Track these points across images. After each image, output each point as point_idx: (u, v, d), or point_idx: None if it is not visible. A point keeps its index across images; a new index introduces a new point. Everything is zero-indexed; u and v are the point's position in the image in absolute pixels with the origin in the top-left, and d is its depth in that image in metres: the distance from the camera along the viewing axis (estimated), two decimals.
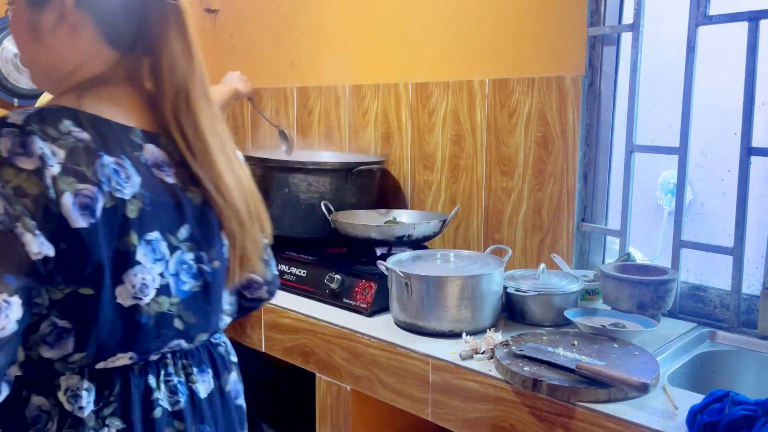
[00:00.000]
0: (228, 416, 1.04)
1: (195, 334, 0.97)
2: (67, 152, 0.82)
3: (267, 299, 1.20)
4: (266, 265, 1.13)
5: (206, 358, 1.02)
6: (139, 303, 0.88)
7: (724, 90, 2.04)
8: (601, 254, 1.92)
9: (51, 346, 0.85)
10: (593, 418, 1.19)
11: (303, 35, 2.58)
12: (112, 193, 0.84)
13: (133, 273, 0.87)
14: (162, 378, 0.94)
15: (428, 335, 1.56)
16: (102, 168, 0.84)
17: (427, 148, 2.17)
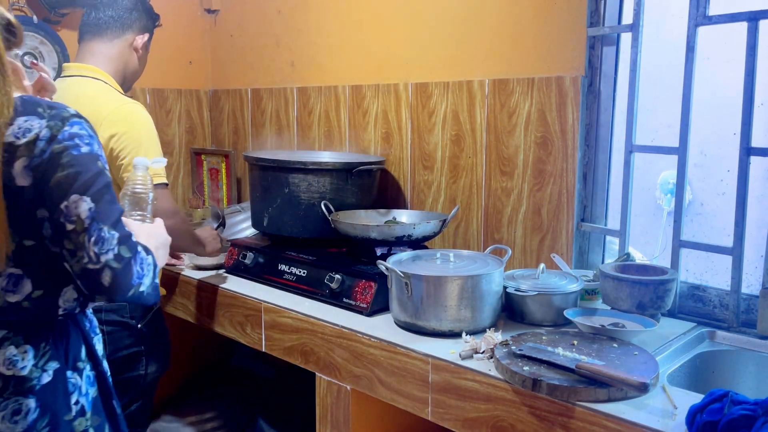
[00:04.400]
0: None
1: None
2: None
3: (88, 296, 1.11)
4: (70, 255, 1.03)
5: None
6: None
7: (723, 90, 2.04)
8: (601, 254, 1.92)
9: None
10: (593, 417, 1.19)
11: (303, 35, 2.58)
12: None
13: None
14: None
15: (428, 335, 1.56)
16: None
17: (427, 148, 2.17)
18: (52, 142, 1.00)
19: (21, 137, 0.99)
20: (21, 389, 1.04)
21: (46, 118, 1.01)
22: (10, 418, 1.02)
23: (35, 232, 1.03)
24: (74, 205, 1.00)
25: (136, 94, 2.74)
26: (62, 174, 1.00)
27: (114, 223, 1.03)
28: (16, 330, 1.05)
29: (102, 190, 1.03)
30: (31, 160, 0.99)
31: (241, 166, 2.87)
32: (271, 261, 2.00)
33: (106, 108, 1.62)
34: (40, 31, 2.53)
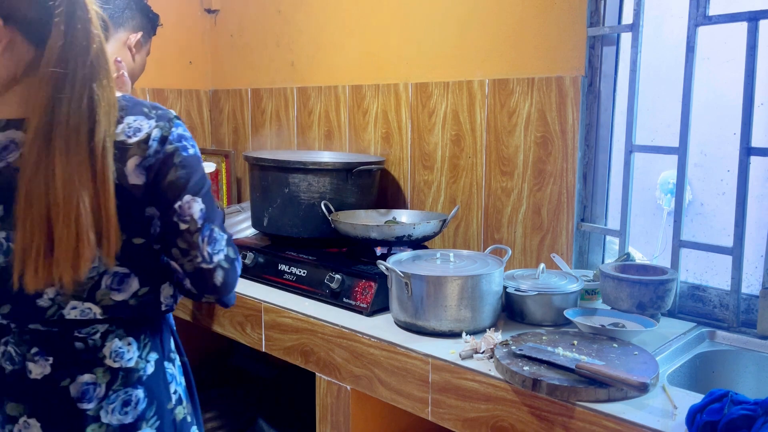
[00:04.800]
0: (55, 411, 1.03)
1: (1, 305, 1.02)
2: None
3: (196, 295, 1.10)
4: (183, 255, 1.05)
5: (40, 342, 1.03)
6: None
7: (723, 90, 2.04)
8: (601, 254, 1.92)
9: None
10: (593, 417, 1.19)
11: (303, 35, 2.58)
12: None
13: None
14: (2, 341, 1.04)
15: (428, 335, 1.56)
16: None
17: (427, 148, 2.17)
18: (165, 143, 1.02)
19: (132, 136, 1.00)
20: (130, 380, 1.05)
21: (154, 119, 1.03)
22: (120, 410, 1.04)
23: (145, 231, 1.04)
24: (187, 206, 1.03)
25: (136, 95, 2.74)
26: (175, 175, 1.02)
27: (221, 224, 1.08)
28: (118, 323, 1.06)
29: (209, 192, 1.07)
30: (143, 159, 1.00)
31: (241, 166, 2.87)
32: (271, 261, 2.00)
33: None
34: None
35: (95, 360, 1.05)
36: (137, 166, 1.00)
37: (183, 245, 1.03)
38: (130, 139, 1.00)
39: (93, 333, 1.04)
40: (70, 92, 0.96)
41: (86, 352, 1.04)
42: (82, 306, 1.02)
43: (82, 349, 1.04)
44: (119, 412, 1.05)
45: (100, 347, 1.05)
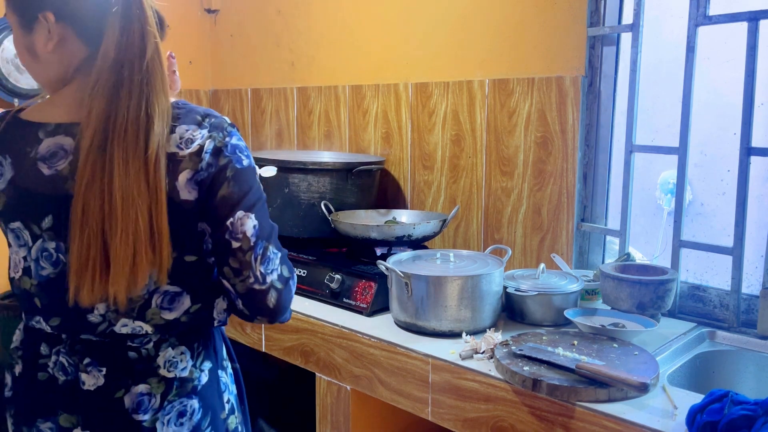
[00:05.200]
0: (110, 424, 1.00)
1: (51, 317, 1.00)
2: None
3: (248, 316, 1.04)
4: (235, 275, 1.00)
5: (93, 353, 1.00)
6: (14, 277, 1.03)
7: (723, 90, 2.04)
8: (601, 254, 1.92)
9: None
10: (593, 417, 1.19)
11: (303, 35, 2.58)
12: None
13: (11, 252, 1.03)
14: (54, 350, 1.02)
15: (428, 335, 1.56)
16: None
17: (427, 148, 2.17)
18: (218, 155, 0.96)
19: (184, 148, 0.95)
20: (185, 390, 1.01)
21: (207, 128, 0.97)
22: (176, 421, 1.00)
23: (197, 248, 1.00)
24: (240, 222, 0.96)
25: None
26: (228, 189, 0.96)
27: (275, 241, 1.01)
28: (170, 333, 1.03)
29: (263, 206, 1.01)
30: (196, 173, 0.95)
31: None
32: None
33: None
34: None
35: (149, 370, 1.00)
36: (189, 180, 0.95)
37: (235, 264, 0.97)
38: (182, 151, 0.95)
39: (146, 342, 1.00)
40: (127, 99, 0.92)
41: (140, 362, 1.00)
42: (133, 324, 0.99)
43: (136, 359, 1.00)
44: (175, 424, 1.01)
45: (153, 357, 1.01)
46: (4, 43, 2.47)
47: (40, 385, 1.02)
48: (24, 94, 2.53)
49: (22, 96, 2.53)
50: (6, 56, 2.48)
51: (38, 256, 0.98)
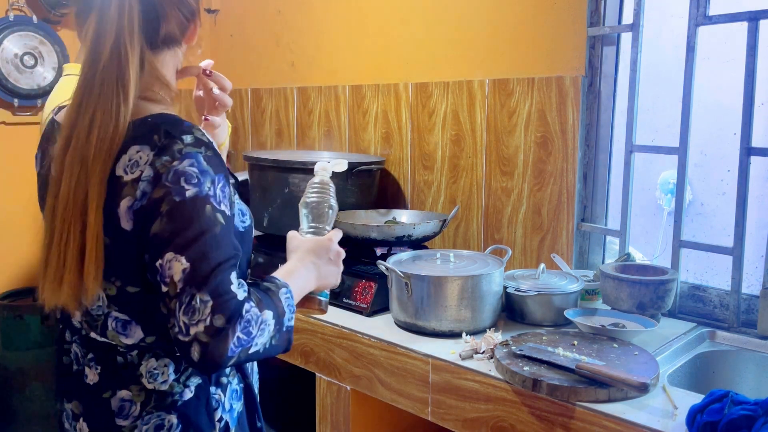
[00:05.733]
0: (98, 421, 1.00)
1: (57, 315, 1.03)
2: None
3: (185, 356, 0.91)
4: (166, 320, 0.89)
5: (94, 350, 1.00)
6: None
7: (723, 90, 2.04)
8: (601, 254, 1.92)
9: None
10: (593, 417, 1.19)
11: (303, 35, 2.58)
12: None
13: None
14: (73, 339, 1.04)
15: (428, 335, 1.56)
16: None
17: (427, 148, 2.17)
18: (155, 185, 0.87)
19: (129, 172, 0.88)
20: (162, 404, 0.97)
21: (155, 151, 0.88)
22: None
23: (139, 278, 0.92)
24: (168, 266, 0.87)
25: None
26: (160, 227, 0.87)
27: (212, 287, 0.86)
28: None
29: (203, 244, 0.87)
30: (134, 202, 0.88)
31: (241, 166, 2.87)
32: (270, 261, 2.00)
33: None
34: (40, 31, 2.53)
35: (133, 377, 0.97)
36: (128, 209, 0.88)
37: (164, 310, 0.89)
38: (126, 176, 0.88)
39: (131, 349, 0.97)
40: (87, 107, 0.90)
41: (125, 368, 0.97)
42: (100, 339, 0.97)
43: (122, 364, 0.97)
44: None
45: (137, 365, 0.97)
46: (4, 43, 2.47)
47: (64, 368, 1.04)
48: (24, 94, 2.53)
49: (22, 96, 2.53)
50: (6, 56, 2.48)
51: None
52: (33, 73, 2.53)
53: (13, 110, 2.55)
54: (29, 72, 2.52)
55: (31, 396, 2.42)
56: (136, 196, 0.87)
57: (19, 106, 2.53)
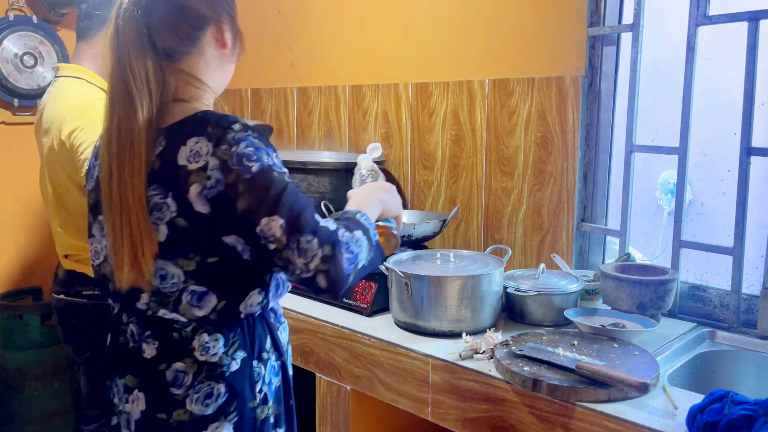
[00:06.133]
0: (155, 390, 1.10)
1: (117, 299, 1.14)
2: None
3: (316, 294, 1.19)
4: (284, 270, 1.06)
5: (151, 327, 1.11)
6: (96, 263, 1.18)
7: (723, 90, 2.03)
8: (601, 254, 1.92)
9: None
10: (593, 418, 1.19)
11: (303, 35, 2.58)
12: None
13: (94, 242, 1.20)
14: (129, 320, 1.14)
15: (428, 335, 1.56)
16: None
17: (427, 148, 2.17)
18: (225, 171, 0.99)
19: (192, 161, 1.00)
20: (213, 374, 1.08)
21: (213, 142, 1.00)
22: (203, 401, 1.07)
23: (220, 250, 1.03)
24: (267, 228, 1.00)
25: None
26: (245, 203, 0.99)
27: (310, 228, 1.02)
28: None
29: (286, 197, 1.02)
30: (204, 189, 0.99)
31: None
32: None
33: (72, 103, 1.61)
34: (40, 31, 2.53)
35: (186, 350, 1.08)
36: (199, 194, 1.00)
37: (280, 263, 1.02)
38: (190, 165, 1.00)
39: (186, 326, 1.08)
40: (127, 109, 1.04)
41: (180, 343, 1.09)
42: (170, 315, 1.07)
43: (178, 339, 1.09)
44: (202, 403, 1.08)
45: (190, 339, 1.08)
46: (4, 43, 2.47)
47: (119, 347, 1.14)
48: (24, 94, 2.53)
49: (22, 96, 2.53)
50: (6, 56, 2.48)
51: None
52: (33, 73, 2.53)
53: (13, 110, 2.55)
54: (29, 72, 2.52)
55: (31, 396, 2.41)
56: (207, 184, 0.99)
57: (19, 106, 2.53)
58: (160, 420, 1.08)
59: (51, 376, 2.42)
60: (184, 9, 1.06)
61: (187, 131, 1.02)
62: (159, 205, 1.02)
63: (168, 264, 1.04)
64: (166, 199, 1.01)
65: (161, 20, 1.04)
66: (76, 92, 1.65)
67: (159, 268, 1.04)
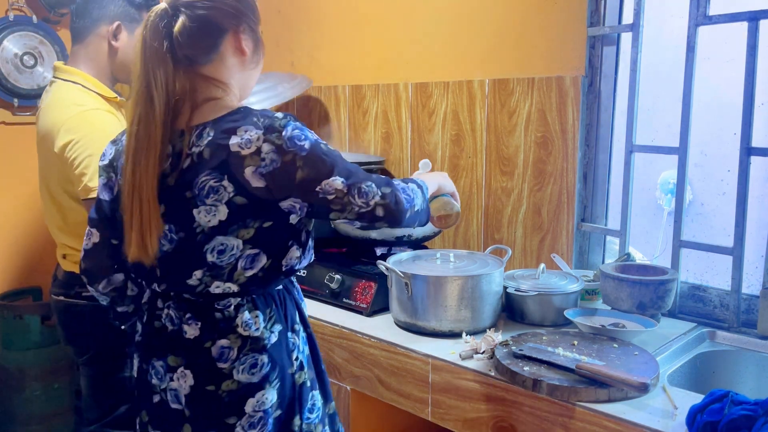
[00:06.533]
0: (201, 366, 1.21)
1: (162, 282, 1.22)
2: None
3: (371, 225, 1.31)
4: (342, 213, 1.19)
5: (192, 310, 1.21)
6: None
7: (723, 90, 2.03)
8: (601, 254, 1.92)
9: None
10: (593, 418, 1.19)
11: (303, 35, 2.58)
12: None
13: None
14: (166, 305, 1.24)
15: (428, 335, 1.56)
16: None
17: (427, 148, 2.17)
18: (281, 153, 1.11)
19: (245, 147, 1.11)
20: (256, 347, 1.20)
21: (262, 130, 1.12)
22: (249, 370, 1.20)
23: (273, 215, 1.16)
24: (328, 186, 1.14)
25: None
26: (304, 173, 1.12)
27: (367, 177, 1.19)
28: (248, 299, 1.22)
29: (339, 163, 1.16)
30: (258, 168, 1.11)
31: None
32: None
33: (65, 114, 1.59)
34: (40, 31, 2.53)
35: (230, 328, 1.20)
36: (254, 173, 1.11)
37: (338, 207, 1.16)
38: (243, 150, 1.11)
39: (228, 306, 1.20)
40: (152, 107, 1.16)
41: (223, 321, 1.20)
42: (224, 285, 1.18)
43: (221, 319, 1.20)
44: (248, 372, 1.20)
45: (233, 317, 1.20)
46: (3, 43, 2.47)
47: (156, 331, 1.25)
48: (24, 94, 2.53)
49: (22, 96, 2.53)
50: (6, 56, 2.48)
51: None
52: (33, 73, 2.53)
53: (13, 110, 2.54)
54: (29, 72, 2.52)
55: (31, 396, 2.41)
56: (261, 164, 1.11)
57: (19, 106, 2.53)
58: (209, 392, 1.20)
59: (51, 376, 2.42)
60: (203, 19, 1.16)
61: (235, 122, 1.13)
62: (215, 188, 1.11)
63: (228, 238, 1.14)
64: (221, 182, 1.11)
65: (182, 31, 1.14)
66: (70, 100, 1.62)
67: (218, 244, 1.14)
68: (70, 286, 1.70)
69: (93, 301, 1.67)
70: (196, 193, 1.12)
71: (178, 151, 1.15)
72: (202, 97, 1.18)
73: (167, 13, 1.15)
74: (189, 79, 1.18)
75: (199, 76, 1.19)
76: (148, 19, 1.16)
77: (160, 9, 1.15)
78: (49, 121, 1.61)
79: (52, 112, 1.62)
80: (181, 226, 1.15)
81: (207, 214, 1.13)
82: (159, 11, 1.15)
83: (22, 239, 2.61)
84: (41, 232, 2.64)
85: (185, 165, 1.14)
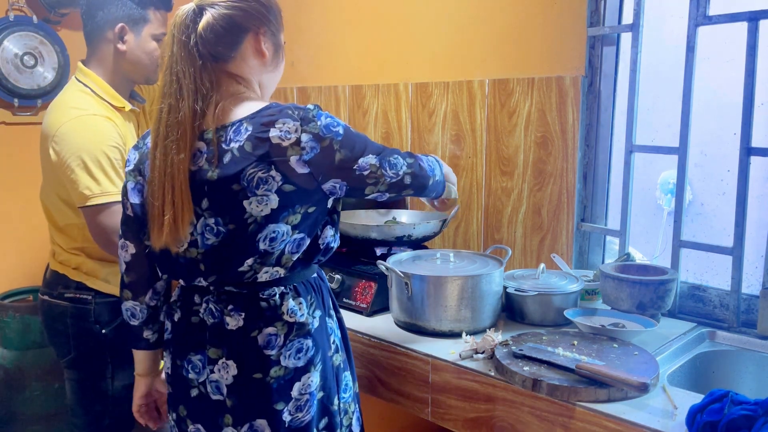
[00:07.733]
0: (246, 355, 1.25)
1: (210, 276, 1.26)
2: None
3: (398, 195, 1.37)
4: (374, 185, 1.29)
5: (235, 301, 1.26)
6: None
7: (723, 90, 2.04)
8: (601, 254, 1.92)
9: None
10: (593, 417, 1.19)
11: (303, 35, 2.58)
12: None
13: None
14: (204, 299, 1.29)
15: (428, 335, 1.56)
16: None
17: (427, 148, 2.17)
18: (319, 140, 1.19)
19: (285, 139, 1.17)
20: (301, 332, 1.27)
21: (299, 122, 1.19)
22: (295, 355, 1.26)
23: (316, 200, 1.23)
24: (364, 162, 1.24)
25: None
26: (342, 155, 1.21)
27: (393, 151, 1.30)
28: (291, 288, 1.29)
29: (370, 144, 1.26)
30: (301, 156, 1.18)
31: None
32: None
33: (63, 117, 1.58)
34: (40, 31, 2.53)
35: (276, 316, 1.25)
36: (298, 161, 1.18)
37: (372, 181, 1.26)
38: (284, 142, 1.17)
39: (273, 295, 1.26)
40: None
41: (269, 310, 1.25)
42: (272, 270, 1.24)
43: (266, 308, 1.25)
44: (294, 357, 1.26)
45: (279, 306, 1.26)
46: (4, 43, 2.47)
47: (193, 326, 1.29)
48: (24, 94, 2.53)
49: (22, 96, 2.53)
50: (6, 56, 2.48)
51: (203, 230, 1.21)
52: (33, 73, 2.53)
53: (13, 110, 2.55)
54: (29, 72, 2.52)
55: (31, 396, 2.41)
56: (302, 152, 1.18)
57: (19, 106, 2.53)
58: (256, 380, 1.24)
59: (51, 376, 2.42)
60: (226, 18, 1.23)
61: (272, 116, 1.19)
62: (264, 179, 1.17)
63: (279, 225, 1.20)
64: (269, 172, 1.17)
65: (206, 27, 1.21)
66: (72, 104, 1.62)
67: (270, 232, 1.20)
68: (53, 286, 1.69)
69: (75, 303, 1.66)
70: (245, 185, 1.17)
71: (211, 147, 1.20)
72: (227, 93, 1.25)
73: (194, 11, 1.22)
74: (215, 74, 1.24)
75: (224, 72, 1.25)
76: (177, 16, 1.24)
77: (189, 7, 1.23)
78: (48, 122, 1.62)
79: (53, 113, 1.63)
80: (230, 218, 1.19)
81: (259, 204, 1.17)
82: (187, 9, 1.23)
83: (22, 239, 2.61)
84: (42, 232, 2.64)
85: (226, 160, 1.18)
